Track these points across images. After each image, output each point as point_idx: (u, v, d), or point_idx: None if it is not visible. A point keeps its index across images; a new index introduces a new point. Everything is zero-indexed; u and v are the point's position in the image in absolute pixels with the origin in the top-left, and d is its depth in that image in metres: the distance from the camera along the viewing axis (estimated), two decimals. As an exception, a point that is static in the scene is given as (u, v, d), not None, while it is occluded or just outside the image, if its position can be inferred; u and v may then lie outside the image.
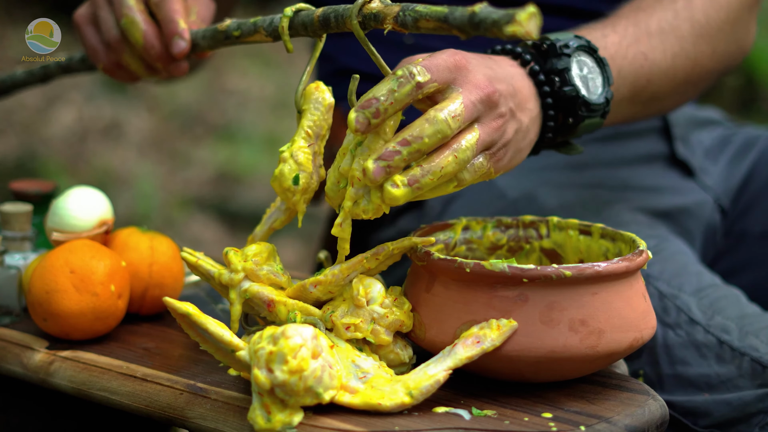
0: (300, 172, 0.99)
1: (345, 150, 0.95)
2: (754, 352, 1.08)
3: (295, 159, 0.99)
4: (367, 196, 0.93)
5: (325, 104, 1.01)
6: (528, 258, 1.08)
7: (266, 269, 0.98)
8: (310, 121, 1.00)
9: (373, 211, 0.93)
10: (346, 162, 0.94)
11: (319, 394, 0.86)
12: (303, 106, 1.01)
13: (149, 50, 1.13)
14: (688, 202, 1.34)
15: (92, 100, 3.62)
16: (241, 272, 0.98)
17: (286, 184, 0.99)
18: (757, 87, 3.67)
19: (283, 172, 0.99)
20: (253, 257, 0.99)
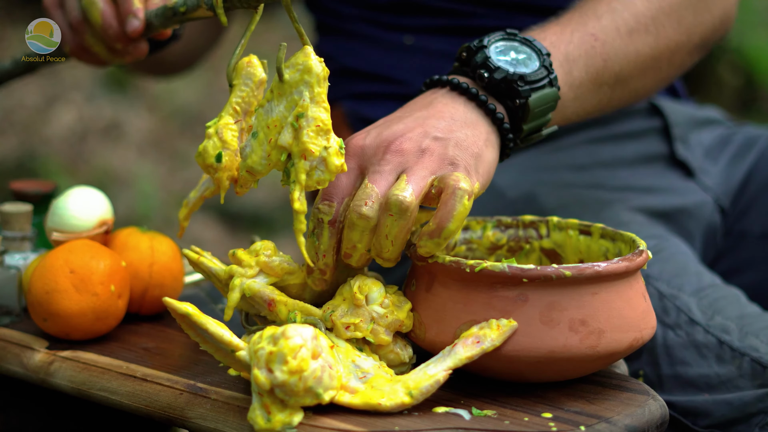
0: (224, 149, 0.97)
1: (268, 118, 0.95)
2: (754, 352, 1.08)
3: (220, 136, 0.97)
4: (321, 166, 0.93)
5: (255, 80, 0.98)
6: (528, 258, 1.08)
7: (278, 260, 0.98)
8: (239, 98, 0.98)
9: (328, 181, 0.93)
10: (286, 136, 0.93)
11: (319, 395, 0.86)
12: (234, 81, 0.98)
13: (107, 30, 1.13)
14: (688, 203, 1.34)
15: (92, 100, 3.62)
16: (254, 267, 0.97)
17: (209, 161, 0.97)
18: (757, 87, 3.67)
19: (206, 148, 0.97)
20: (263, 251, 0.98)
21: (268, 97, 0.95)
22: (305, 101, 0.92)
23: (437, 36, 1.42)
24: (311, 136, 0.92)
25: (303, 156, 0.92)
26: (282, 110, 0.94)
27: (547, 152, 1.38)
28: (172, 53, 1.41)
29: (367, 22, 1.44)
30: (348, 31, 1.45)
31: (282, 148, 0.94)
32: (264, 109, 0.95)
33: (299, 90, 0.93)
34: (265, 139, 0.95)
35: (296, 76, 0.93)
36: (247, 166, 0.96)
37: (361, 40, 1.44)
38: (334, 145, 0.93)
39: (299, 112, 0.92)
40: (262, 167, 0.95)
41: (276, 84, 0.94)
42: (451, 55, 1.42)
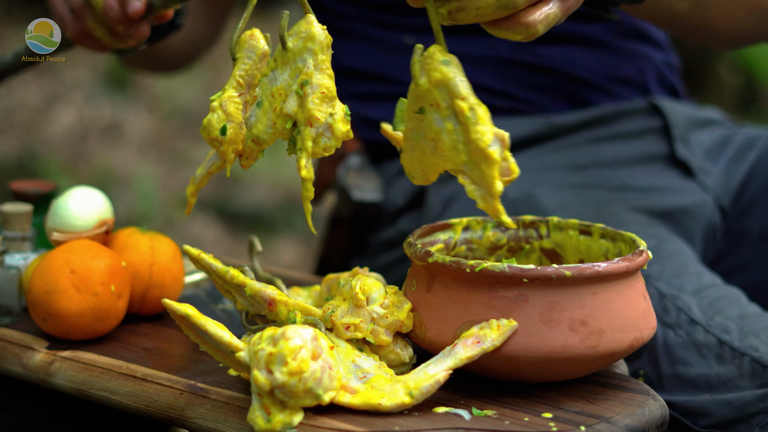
0: (228, 122, 0.97)
1: (273, 86, 0.95)
2: (754, 352, 1.08)
3: (224, 109, 0.97)
4: (327, 133, 0.93)
5: (258, 52, 0.98)
6: (528, 258, 1.08)
7: None
8: (242, 70, 0.98)
9: (334, 148, 0.93)
10: (291, 103, 0.93)
11: (318, 396, 0.86)
12: (236, 54, 0.98)
13: (108, 12, 1.14)
14: (688, 203, 1.34)
15: (92, 100, 3.62)
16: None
17: (214, 134, 0.97)
18: (757, 87, 3.67)
19: (211, 121, 0.97)
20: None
21: (272, 66, 0.95)
22: (309, 69, 0.92)
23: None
24: (316, 103, 0.92)
25: (309, 123, 0.92)
26: (286, 78, 0.94)
27: (547, 152, 1.38)
28: (171, 48, 1.42)
29: (368, 22, 1.44)
30: (348, 30, 1.45)
31: (287, 116, 0.94)
32: (268, 78, 0.95)
33: (303, 58, 0.93)
34: (270, 107, 0.95)
35: (299, 44, 0.93)
36: (252, 136, 0.96)
37: (362, 40, 1.44)
38: (339, 111, 0.93)
39: (303, 80, 0.92)
40: (268, 135, 0.95)
41: (279, 52, 0.94)
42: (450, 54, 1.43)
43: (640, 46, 1.46)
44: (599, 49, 1.42)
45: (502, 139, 0.89)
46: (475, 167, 0.89)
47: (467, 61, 1.43)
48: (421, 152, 0.92)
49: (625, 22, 1.44)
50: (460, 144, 0.89)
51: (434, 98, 0.89)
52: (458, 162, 0.90)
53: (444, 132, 0.90)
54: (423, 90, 0.90)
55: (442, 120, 0.90)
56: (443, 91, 0.89)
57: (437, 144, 0.90)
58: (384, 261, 1.41)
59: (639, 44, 1.46)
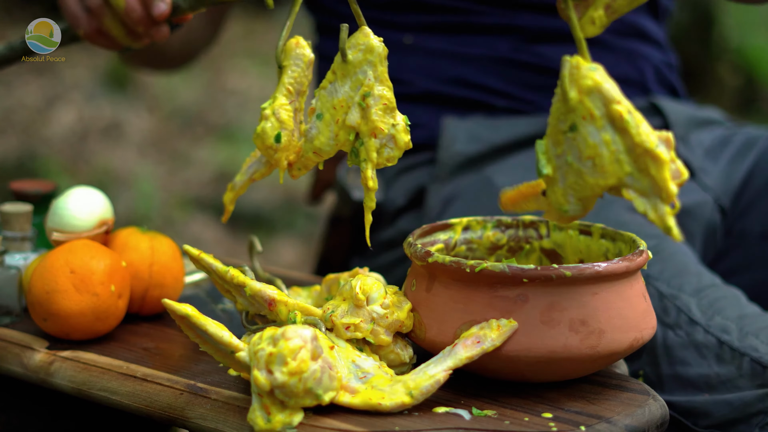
0: (282, 129, 0.98)
1: (333, 99, 0.95)
2: (754, 352, 1.08)
3: (277, 116, 0.98)
4: (390, 144, 0.94)
5: (305, 60, 1.00)
6: (528, 258, 1.08)
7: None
8: (291, 78, 0.99)
9: (397, 158, 0.94)
10: (354, 115, 0.94)
11: (318, 396, 0.86)
12: (283, 62, 1.00)
13: (130, 13, 1.13)
14: (688, 202, 1.34)
15: (92, 100, 3.62)
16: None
17: (269, 142, 0.98)
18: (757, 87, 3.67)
19: (265, 129, 0.98)
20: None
21: (330, 78, 0.96)
22: (370, 80, 0.94)
23: (436, 35, 1.42)
24: (380, 115, 0.94)
25: (373, 134, 0.94)
26: (347, 90, 0.95)
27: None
28: (172, 46, 1.41)
29: (367, 21, 1.44)
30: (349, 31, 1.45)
31: (350, 128, 0.95)
32: (327, 91, 0.96)
33: (363, 70, 0.94)
34: (331, 119, 0.96)
35: (359, 56, 0.95)
36: (314, 148, 0.97)
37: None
38: (401, 122, 0.94)
39: (365, 92, 0.94)
40: (330, 147, 0.97)
41: (338, 65, 0.96)
42: (450, 54, 1.43)
43: (639, 46, 1.46)
44: (598, 48, 1.42)
45: (667, 140, 0.85)
46: (642, 175, 0.85)
47: (468, 61, 1.44)
48: (577, 176, 0.88)
49: (624, 21, 1.44)
50: (622, 154, 0.85)
51: (587, 109, 0.85)
52: (622, 174, 0.85)
53: (602, 145, 0.86)
54: (574, 103, 0.86)
55: (598, 132, 0.86)
56: (596, 98, 0.85)
57: (596, 161, 0.86)
58: (384, 261, 1.41)
59: (638, 43, 1.46)
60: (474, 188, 1.34)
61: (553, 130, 0.88)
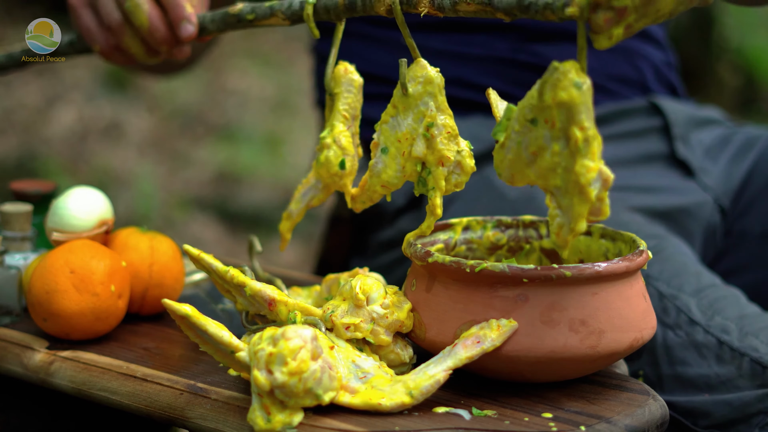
0: (344, 156, 1.01)
1: (397, 132, 0.96)
2: (753, 352, 1.08)
3: (338, 144, 1.01)
4: (457, 170, 0.95)
5: (356, 85, 1.03)
6: (528, 258, 1.08)
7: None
8: (345, 104, 1.02)
9: (464, 183, 0.96)
10: (420, 146, 0.95)
11: (318, 396, 0.86)
12: (335, 90, 1.03)
13: (154, 33, 1.13)
14: (688, 202, 1.34)
15: (92, 100, 3.62)
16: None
17: (334, 170, 1.01)
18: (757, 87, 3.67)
19: (329, 158, 1.01)
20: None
21: (392, 113, 0.97)
22: (432, 111, 0.95)
23: (436, 34, 1.42)
24: (445, 143, 0.95)
25: (440, 163, 0.95)
26: (410, 123, 0.96)
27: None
28: None
29: (366, 21, 1.44)
30: (347, 31, 1.45)
31: (417, 159, 0.96)
32: (389, 125, 0.97)
33: (424, 101, 0.96)
34: (397, 152, 0.97)
35: (419, 89, 0.96)
36: (382, 182, 0.99)
37: (361, 40, 1.44)
38: (465, 147, 0.96)
39: (429, 122, 0.95)
40: (398, 179, 0.98)
41: (399, 98, 0.97)
42: (450, 54, 1.43)
43: (639, 45, 1.46)
44: (599, 48, 1.42)
45: (606, 179, 0.86)
46: (567, 196, 0.87)
47: (467, 61, 1.44)
48: (517, 158, 0.90)
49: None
50: (560, 168, 0.87)
51: (552, 116, 0.86)
52: (550, 184, 0.88)
53: (548, 151, 0.87)
54: (544, 104, 0.87)
55: (550, 139, 0.87)
56: (564, 113, 0.86)
57: (536, 159, 0.88)
58: (384, 261, 1.41)
59: (638, 43, 1.46)
60: (474, 188, 1.34)
61: (521, 111, 0.90)
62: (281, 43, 4.04)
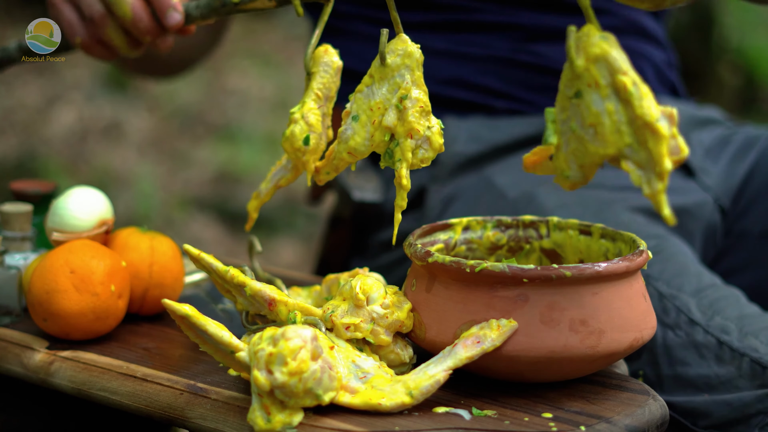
0: (310, 132, 1.01)
1: (370, 101, 0.97)
2: (753, 352, 1.08)
3: (306, 120, 1.01)
4: (425, 145, 0.96)
5: (333, 67, 1.03)
6: (528, 258, 1.08)
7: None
8: (320, 84, 1.03)
9: (430, 160, 0.97)
10: (391, 116, 0.96)
11: (318, 396, 0.86)
12: (312, 69, 1.03)
13: (138, 23, 1.11)
14: (688, 202, 1.34)
15: (92, 100, 3.62)
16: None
17: (297, 145, 1.01)
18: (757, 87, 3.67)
19: (294, 132, 1.01)
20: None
21: (367, 82, 0.98)
22: (408, 83, 0.96)
23: (436, 33, 1.42)
24: (416, 116, 0.96)
25: (409, 135, 0.96)
26: (385, 93, 0.97)
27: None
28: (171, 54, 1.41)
29: (366, 20, 1.44)
30: (347, 30, 1.45)
31: (387, 129, 0.97)
32: (363, 94, 0.98)
33: (401, 73, 0.96)
34: (368, 121, 0.98)
35: (397, 61, 0.96)
36: (349, 148, 0.99)
37: (360, 40, 1.44)
38: (435, 125, 0.97)
39: (403, 94, 0.96)
40: (365, 147, 0.98)
41: (376, 68, 0.97)
42: (450, 54, 1.43)
43: (639, 44, 1.46)
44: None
45: (670, 115, 0.85)
46: (641, 147, 0.84)
47: (466, 61, 1.44)
48: (579, 142, 0.88)
49: (624, 19, 1.44)
50: (623, 125, 0.85)
51: (593, 77, 0.85)
52: (621, 145, 0.85)
53: (605, 114, 0.85)
54: (580, 70, 0.86)
55: (602, 101, 0.86)
56: (602, 67, 0.85)
57: (597, 129, 0.86)
58: (384, 261, 1.41)
59: (638, 42, 1.46)
60: (474, 188, 1.34)
61: (561, 96, 0.89)
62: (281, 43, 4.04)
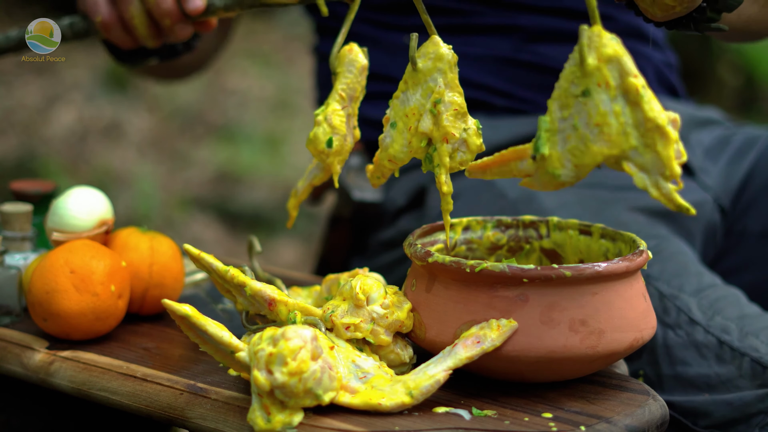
0: (333, 134, 1.01)
1: (405, 107, 0.97)
2: (754, 352, 1.08)
3: (329, 122, 1.01)
4: (462, 148, 0.96)
5: (358, 66, 1.03)
6: (528, 258, 1.08)
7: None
8: (344, 84, 1.02)
9: (470, 161, 0.96)
10: (426, 122, 0.96)
11: (318, 396, 0.86)
12: (337, 69, 1.03)
13: (161, 4, 1.12)
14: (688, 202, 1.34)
15: (92, 100, 3.62)
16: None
17: (320, 147, 1.01)
18: (757, 87, 3.67)
19: (317, 135, 1.01)
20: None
21: (402, 88, 0.98)
22: (440, 87, 0.96)
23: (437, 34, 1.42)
24: (451, 120, 0.95)
25: (445, 139, 0.95)
26: (419, 98, 0.97)
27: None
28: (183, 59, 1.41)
29: (367, 23, 1.44)
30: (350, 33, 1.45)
31: (423, 134, 0.97)
32: (399, 100, 0.98)
33: (433, 77, 0.96)
34: (404, 127, 0.98)
35: (429, 65, 0.96)
36: (388, 156, 0.99)
37: (362, 41, 1.44)
38: (472, 125, 0.96)
39: (436, 98, 0.95)
40: (404, 154, 0.98)
41: (409, 74, 0.97)
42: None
43: (638, 45, 1.46)
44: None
45: (674, 120, 0.86)
46: (647, 150, 0.85)
47: (467, 61, 1.43)
48: (580, 141, 0.87)
49: (623, 21, 1.44)
50: (630, 127, 0.85)
51: (604, 77, 0.86)
52: (626, 147, 0.86)
53: (612, 114, 0.86)
54: (591, 69, 0.86)
55: (610, 101, 0.86)
56: (614, 68, 0.86)
57: (603, 129, 0.86)
58: (384, 261, 1.41)
59: (638, 43, 1.46)
60: (474, 188, 1.34)
61: (563, 93, 0.88)
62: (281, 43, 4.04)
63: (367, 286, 0.95)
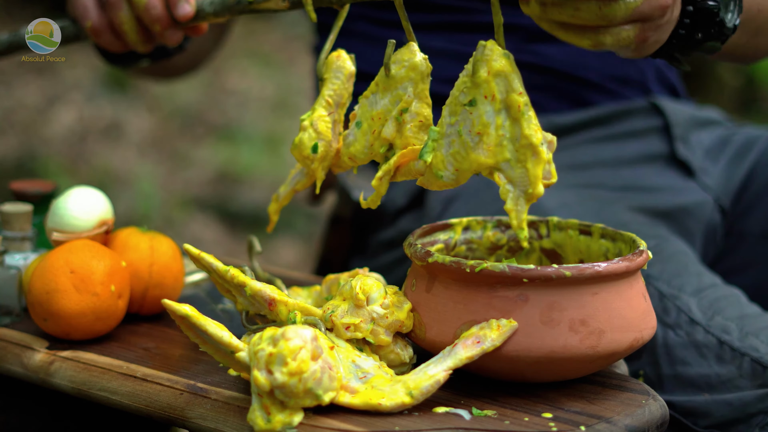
0: (319, 140, 1.01)
1: (373, 110, 0.97)
2: (754, 352, 1.08)
3: (315, 127, 1.01)
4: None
5: (345, 73, 1.02)
6: (528, 258, 1.08)
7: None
8: (331, 90, 1.02)
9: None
10: (390, 128, 0.96)
11: (318, 396, 0.86)
12: (324, 75, 1.03)
13: (151, 10, 1.11)
14: (688, 202, 1.34)
15: (92, 100, 3.62)
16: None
17: (306, 152, 1.01)
18: (757, 87, 3.67)
19: (302, 140, 1.01)
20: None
21: (373, 89, 0.98)
22: (409, 96, 0.96)
23: (437, 33, 1.42)
24: (414, 131, 0.96)
25: (404, 149, 0.95)
26: (386, 103, 0.97)
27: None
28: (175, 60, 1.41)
29: (367, 20, 1.44)
30: (348, 30, 1.45)
31: (385, 140, 0.97)
32: (368, 101, 0.98)
33: (404, 86, 0.96)
34: (368, 129, 0.98)
35: (402, 72, 0.96)
36: (349, 153, 1.00)
37: (362, 40, 1.44)
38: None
39: (403, 107, 0.95)
40: (364, 155, 0.99)
41: (381, 78, 0.97)
42: (450, 54, 1.43)
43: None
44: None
45: (550, 142, 0.91)
46: (518, 165, 0.90)
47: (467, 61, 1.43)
48: (462, 147, 0.92)
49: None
50: (506, 140, 0.90)
51: (491, 89, 0.90)
52: (500, 158, 0.90)
53: (493, 126, 0.90)
54: (480, 80, 0.90)
55: (493, 113, 0.90)
56: (502, 83, 0.90)
57: (483, 138, 0.90)
58: (384, 261, 1.41)
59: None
60: (474, 188, 1.34)
61: (453, 101, 0.92)
62: (281, 43, 4.04)
63: (367, 286, 0.95)
